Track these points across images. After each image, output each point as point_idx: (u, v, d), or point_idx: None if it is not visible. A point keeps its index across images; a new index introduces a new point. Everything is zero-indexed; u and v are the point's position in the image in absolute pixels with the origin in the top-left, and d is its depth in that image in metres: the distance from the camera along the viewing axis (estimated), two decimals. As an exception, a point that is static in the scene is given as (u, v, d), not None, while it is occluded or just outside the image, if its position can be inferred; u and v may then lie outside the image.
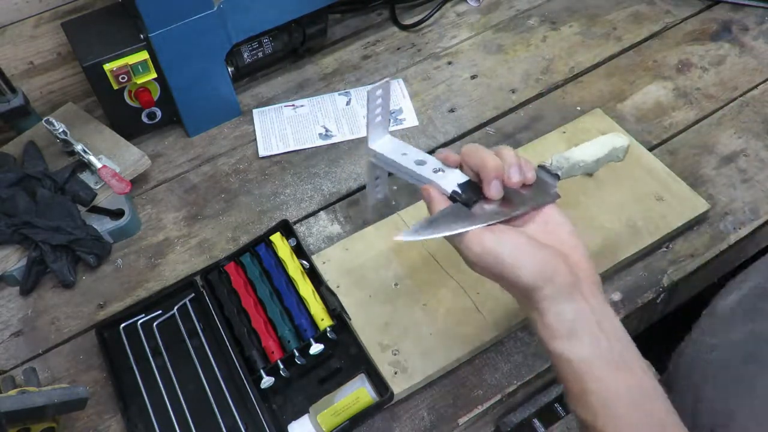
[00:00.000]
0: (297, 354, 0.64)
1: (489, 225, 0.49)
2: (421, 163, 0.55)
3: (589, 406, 0.46)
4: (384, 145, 0.58)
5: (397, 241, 0.73)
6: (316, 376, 0.65)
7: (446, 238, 0.50)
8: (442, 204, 0.51)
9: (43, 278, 0.76)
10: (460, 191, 0.52)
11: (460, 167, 0.54)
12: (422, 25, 1.01)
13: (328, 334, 0.65)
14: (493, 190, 0.51)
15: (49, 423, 0.60)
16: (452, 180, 0.53)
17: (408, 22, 1.01)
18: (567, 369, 0.47)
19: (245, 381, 0.63)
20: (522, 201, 0.52)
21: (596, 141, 0.60)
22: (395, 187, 0.81)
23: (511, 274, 0.47)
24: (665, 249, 0.73)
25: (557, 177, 0.56)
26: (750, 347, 0.54)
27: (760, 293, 0.57)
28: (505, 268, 0.47)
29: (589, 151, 0.59)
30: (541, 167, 0.56)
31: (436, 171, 0.54)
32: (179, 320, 0.70)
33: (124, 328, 0.70)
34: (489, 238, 0.48)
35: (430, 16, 1.01)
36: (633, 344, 0.48)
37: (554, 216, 0.53)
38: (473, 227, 0.49)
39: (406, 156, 0.56)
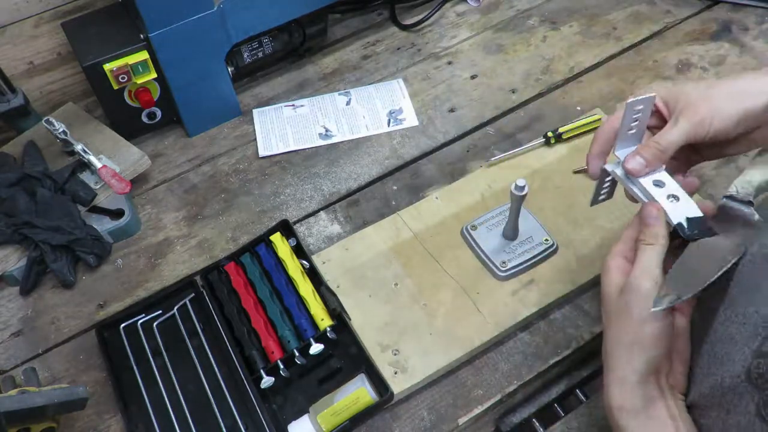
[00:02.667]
0: (297, 354, 0.64)
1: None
2: (659, 184, 0.53)
3: None
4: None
5: (397, 241, 0.73)
6: (316, 376, 0.66)
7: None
8: (660, 229, 0.50)
9: (43, 278, 0.76)
10: (686, 226, 0.49)
11: None
12: (422, 25, 1.01)
13: (328, 334, 0.65)
14: None
15: (49, 423, 0.60)
16: (682, 212, 0.50)
17: (408, 22, 1.01)
18: None
19: (245, 381, 0.63)
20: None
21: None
22: (395, 187, 0.82)
23: None
24: (665, 249, 0.73)
25: (750, 204, 0.51)
26: None
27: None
28: None
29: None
30: (729, 198, 0.52)
31: (669, 197, 0.52)
32: (179, 320, 0.70)
33: (124, 328, 0.70)
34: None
35: (430, 16, 1.01)
36: None
37: None
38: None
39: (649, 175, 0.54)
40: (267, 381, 0.63)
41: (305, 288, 0.68)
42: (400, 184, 0.82)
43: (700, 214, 0.51)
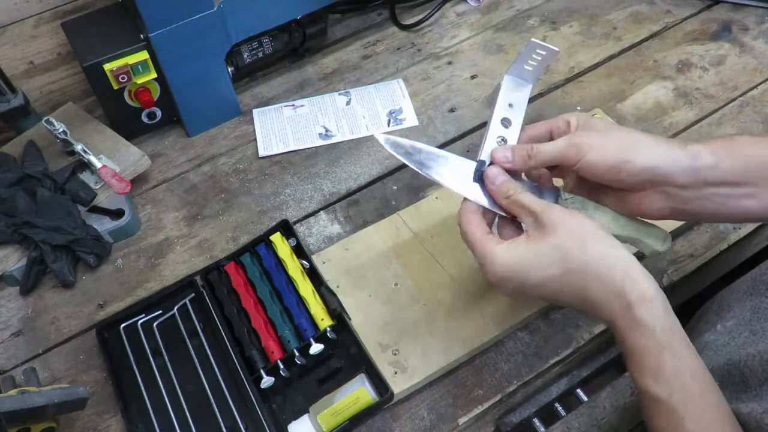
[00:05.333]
0: (297, 354, 0.64)
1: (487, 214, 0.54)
2: (506, 123, 0.57)
3: (663, 382, 0.45)
4: (513, 83, 0.59)
5: (397, 241, 0.73)
6: (316, 376, 0.66)
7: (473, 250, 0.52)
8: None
9: (43, 278, 0.76)
10: (485, 163, 0.55)
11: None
12: (422, 25, 1.01)
13: (328, 334, 0.65)
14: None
15: (49, 423, 0.60)
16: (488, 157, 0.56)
17: (408, 22, 1.01)
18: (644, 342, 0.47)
19: (245, 381, 0.63)
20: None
21: (633, 220, 0.55)
22: (395, 187, 0.82)
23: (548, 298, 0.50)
24: (665, 249, 0.73)
25: (557, 192, 0.56)
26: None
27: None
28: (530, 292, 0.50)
29: (617, 221, 0.55)
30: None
31: (499, 140, 0.56)
32: (179, 320, 0.70)
33: (124, 328, 0.70)
34: (504, 253, 0.50)
35: (430, 16, 1.01)
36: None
37: (584, 225, 0.50)
38: (451, 183, 0.54)
39: (509, 109, 0.58)
40: (267, 381, 0.63)
41: (305, 288, 0.68)
42: (400, 184, 0.82)
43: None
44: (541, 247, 0.49)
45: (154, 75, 0.80)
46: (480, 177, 0.55)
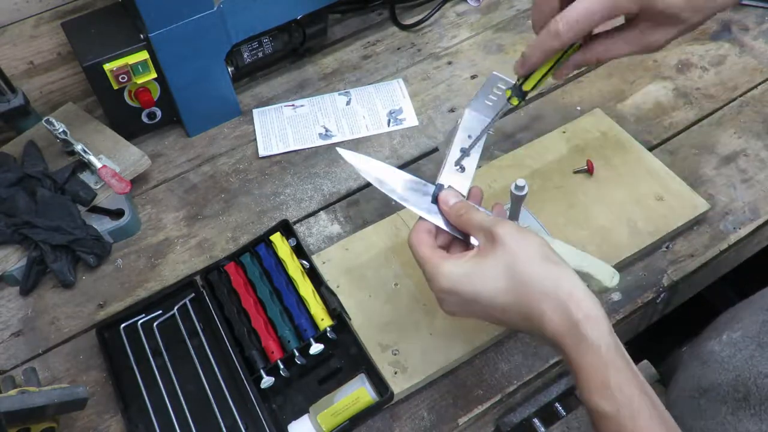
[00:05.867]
0: (297, 354, 0.64)
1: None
2: (465, 152, 0.59)
3: (609, 398, 0.45)
4: (473, 117, 0.60)
5: (397, 241, 0.73)
6: (316, 376, 0.65)
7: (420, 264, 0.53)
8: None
9: (43, 278, 0.76)
10: (443, 187, 0.56)
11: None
12: (422, 25, 1.01)
13: (328, 334, 0.65)
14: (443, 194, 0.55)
15: (49, 423, 0.60)
16: (456, 182, 0.56)
17: (408, 22, 1.01)
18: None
19: (245, 381, 0.63)
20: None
21: (584, 255, 0.56)
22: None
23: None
24: (665, 249, 0.73)
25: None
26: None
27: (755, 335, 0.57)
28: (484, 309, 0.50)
29: (568, 254, 0.55)
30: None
31: (457, 167, 0.58)
32: (179, 320, 0.70)
33: (124, 328, 0.70)
34: (454, 269, 0.50)
35: (430, 16, 1.01)
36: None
37: (525, 242, 0.49)
38: (401, 198, 0.56)
39: (468, 140, 0.59)
40: (267, 381, 0.63)
41: (305, 288, 0.68)
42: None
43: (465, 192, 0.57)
44: (487, 261, 0.49)
45: (154, 75, 0.80)
46: (436, 199, 0.56)
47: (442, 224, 0.55)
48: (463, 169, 0.58)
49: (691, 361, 0.62)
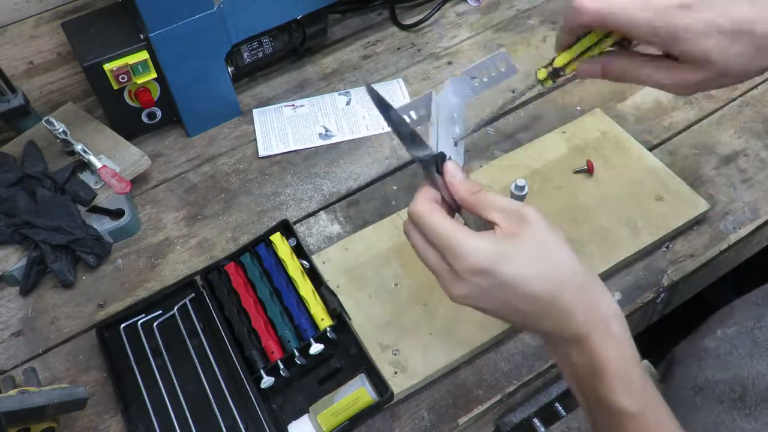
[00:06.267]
0: (297, 354, 0.64)
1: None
2: (455, 123, 0.56)
3: (635, 395, 0.44)
4: (460, 88, 0.57)
5: (397, 241, 0.73)
6: (316, 376, 0.65)
7: None
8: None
9: (43, 278, 0.76)
10: (447, 157, 0.51)
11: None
12: (422, 25, 1.01)
13: (328, 334, 0.65)
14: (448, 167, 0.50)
15: (49, 423, 0.60)
16: (450, 154, 0.52)
17: (408, 22, 1.01)
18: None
19: (245, 381, 0.63)
20: None
21: None
22: (395, 187, 0.82)
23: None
24: (665, 249, 0.73)
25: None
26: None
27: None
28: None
29: None
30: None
31: (452, 141, 0.54)
32: (179, 320, 0.70)
33: (124, 328, 0.70)
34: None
35: (430, 16, 1.01)
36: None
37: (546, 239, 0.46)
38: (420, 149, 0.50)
39: (457, 112, 0.56)
40: (267, 381, 0.63)
41: (305, 288, 0.68)
42: (400, 184, 0.82)
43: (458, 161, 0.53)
44: (522, 242, 0.45)
45: (154, 75, 0.80)
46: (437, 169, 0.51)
47: (446, 196, 0.50)
48: (456, 143, 0.55)
49: (687, 358, 0.62)
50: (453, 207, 0.51)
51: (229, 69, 0.87)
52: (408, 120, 0.55)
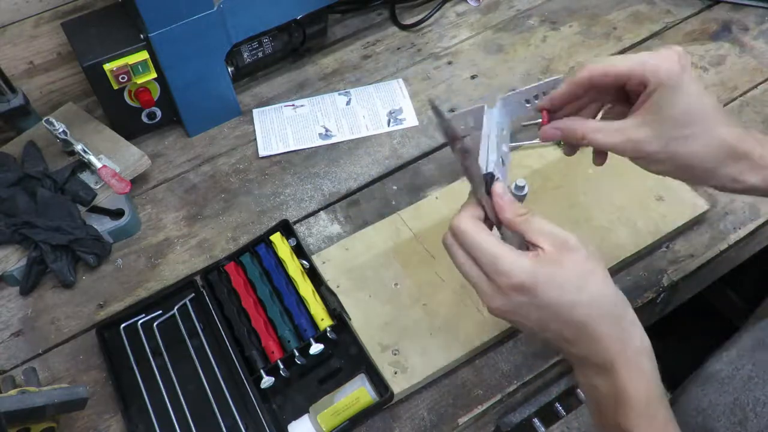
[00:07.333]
0: (297, 354, 0.64)
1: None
2: (502, 144, 0.56)
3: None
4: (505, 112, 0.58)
5: (397, 241, 0.73)
6: (316, 376, 0.65)
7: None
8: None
9: (43, 278, 0.76)
10: (496, 177, 0.52)
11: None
12: (422, 25, 1.01)
13: (328, 334, 0.65)
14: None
15: (49, 423, 0.60)
16: (498, 174, 0.52)
17: (408, 22, 1.01)
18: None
19: (245, 381, 0.63)
20: None
21: None
22: (395, 187, 0.82)
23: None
24: (665, 249, 0.73)
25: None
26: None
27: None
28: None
29: None
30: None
31: (499, 160, 0.54)
32: (179, 320, 0.70)
33: (124, 328, 0.70)
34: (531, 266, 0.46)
35: (430, 16, 1.01)
36: None
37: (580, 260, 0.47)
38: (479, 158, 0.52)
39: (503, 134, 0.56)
40: (267, 381, 0.63)
41: (305, 288, 0.68)
42: (400, 184, 0.82)
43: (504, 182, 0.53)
44: (569, 267, 0.46)
45: (154, 75, 0.80)
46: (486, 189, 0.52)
47: (489, 213, 0.52)
48: (503, 163, 0.55)
49: (692, 383, 0.62)
50: (495, 223, 0.52)
51: (229, 69, 0.87)
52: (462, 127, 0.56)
